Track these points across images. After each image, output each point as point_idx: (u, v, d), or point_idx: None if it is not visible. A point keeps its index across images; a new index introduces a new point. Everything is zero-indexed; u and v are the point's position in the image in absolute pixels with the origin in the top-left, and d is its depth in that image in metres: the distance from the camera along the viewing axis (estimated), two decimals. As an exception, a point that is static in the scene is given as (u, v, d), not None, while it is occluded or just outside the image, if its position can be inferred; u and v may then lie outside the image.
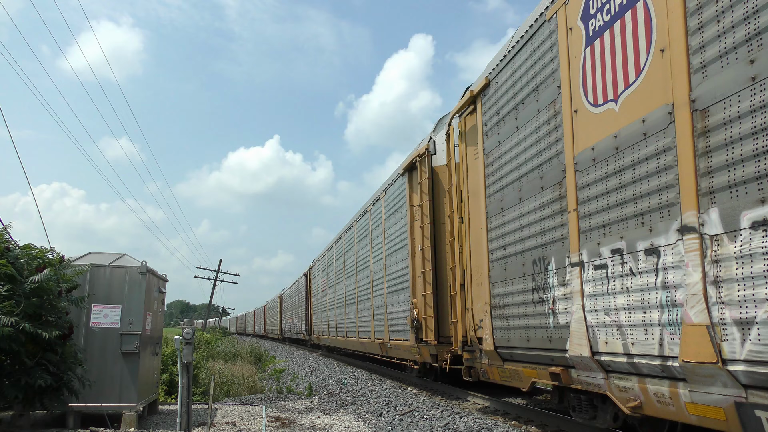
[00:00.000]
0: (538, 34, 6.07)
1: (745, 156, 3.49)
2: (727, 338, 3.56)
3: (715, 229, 3.68)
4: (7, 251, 6.05)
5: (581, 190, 5.18)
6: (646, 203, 4.34)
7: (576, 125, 5.29)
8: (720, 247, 3.63)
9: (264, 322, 54.66)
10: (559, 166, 5.56)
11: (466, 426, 7.04)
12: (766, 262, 3.30)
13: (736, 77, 3.58)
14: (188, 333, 6.66)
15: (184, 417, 6.53)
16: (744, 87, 3.51)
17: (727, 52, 3.67)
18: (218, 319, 79.59)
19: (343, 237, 18.25)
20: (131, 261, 7.66)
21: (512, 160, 6.61)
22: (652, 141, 4.27)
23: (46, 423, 7.17)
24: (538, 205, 5.99)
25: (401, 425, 7.56)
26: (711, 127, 3.77)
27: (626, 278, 4.55)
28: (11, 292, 5.68)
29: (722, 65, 3.70)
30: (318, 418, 8.33)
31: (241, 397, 11.17)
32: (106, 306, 7.20)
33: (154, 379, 8.26)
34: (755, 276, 3.37)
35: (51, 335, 5.72)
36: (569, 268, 5.36)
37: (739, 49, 3.57)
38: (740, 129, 3.54)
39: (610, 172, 4.76)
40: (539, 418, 7.03)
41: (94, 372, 6.87)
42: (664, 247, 4.12)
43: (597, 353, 4.93)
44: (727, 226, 3.60)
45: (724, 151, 3.64)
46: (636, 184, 4.44)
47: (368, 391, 11.17)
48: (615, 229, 4.69)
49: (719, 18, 3.73)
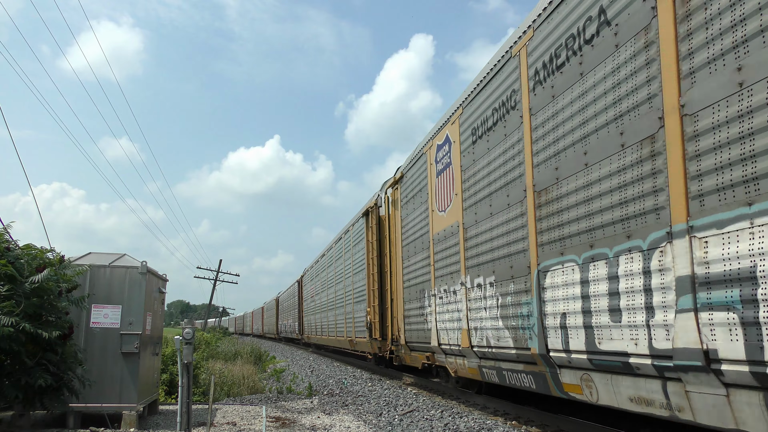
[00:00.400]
0: (420, 159, 10.37)
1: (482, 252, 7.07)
2: (472, 336, 7.77)
3: (470, 285, 7.88)
4: (7, 251, 6.05)
5: (435, 255, 9.33)
6: (455, 267, 8.40)
7: (432, 219, 9.51)
8: (470, 294, 7.84)
9: (262, 322, 56.45)
10: (427, 238, 9.73)
11: (466, 426, 7.04)
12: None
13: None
14: (188, 333, 6.66)
15: (184, 417, 6.53)
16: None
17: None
18: (218, 319, 79.57)
19: (326, 254, 21.99)
20: (131, 261, 7.66)
21: (413, 227, 10.68)
22: (453, 236, 8.51)
23: (46, 423, 7.17)
24: (420, 258, 10.13)
25: (401, 425, 7.56)
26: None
27: (447, 304, 8.74)
28: (11, 292, 5.68)
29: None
30: (318, 418, 8.33)
31: (242, 397, 11.16)
32: (106, 306, 7.20)
33: (154, 379, 8.26)
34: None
35: (51, 335, 5.72)
36: (430, 297, 9.55)
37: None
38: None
39: (442, 248, 9.01)
40: (539, 418, 7.04)
41: (95, 372, 6.87)
42: (457, 291, 8.29)
43: (440, 344, 9.05)
44: (470, 283, 7.88)
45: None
46: (453, 256, 8.51)
47: (368, 391, 11.18)
48: (445, 279, 8.83)
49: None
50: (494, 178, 7.09)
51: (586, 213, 5.12)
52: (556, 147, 5.65)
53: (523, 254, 6.33)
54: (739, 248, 3.51)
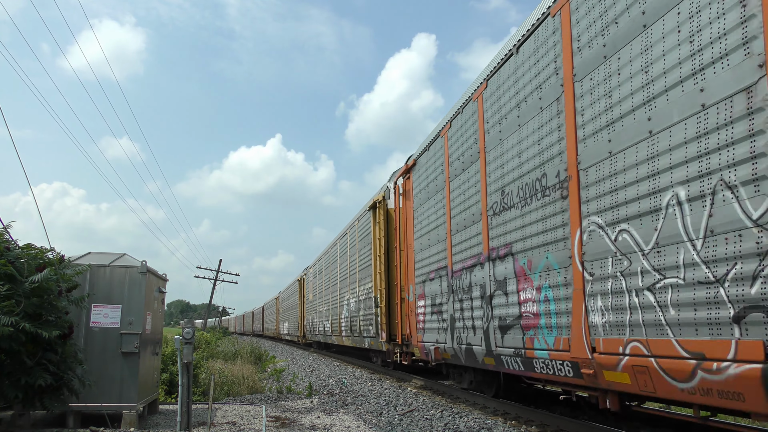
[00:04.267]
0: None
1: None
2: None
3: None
4: (7, 251, 6.04)
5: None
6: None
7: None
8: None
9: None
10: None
11: (466, 426, 7.04)
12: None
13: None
14: (188, 333, 6.66)
15: (184, 417, 6.53)
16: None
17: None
18: (218, 318, 79.57)
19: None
20: (131, 261, 7.65)
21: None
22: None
23: (46, 423, 7.16)
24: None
25: (401, 425, 7.56)
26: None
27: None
28: (11, 291, 5.66)
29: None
30: (318, 417, 8.32)
31: (241, 397, 11.16)
32: (106, 306, 7.19)
33: (154, 379, 8.25)
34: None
35: (51, 335, 5.71)
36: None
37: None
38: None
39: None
40: (539, 418, 7.03)
41: (94, 372, 6.86)
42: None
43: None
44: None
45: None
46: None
47: (368, 391, 11.17)
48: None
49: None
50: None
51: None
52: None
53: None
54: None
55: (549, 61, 5.97)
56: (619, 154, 4.74)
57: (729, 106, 3.72)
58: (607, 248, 4.90)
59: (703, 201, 3.90)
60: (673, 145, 4.18)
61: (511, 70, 6.91)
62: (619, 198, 4.73)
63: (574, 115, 5.41)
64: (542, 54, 6.13)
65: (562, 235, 5.64)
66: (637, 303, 4.54)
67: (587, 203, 5.17)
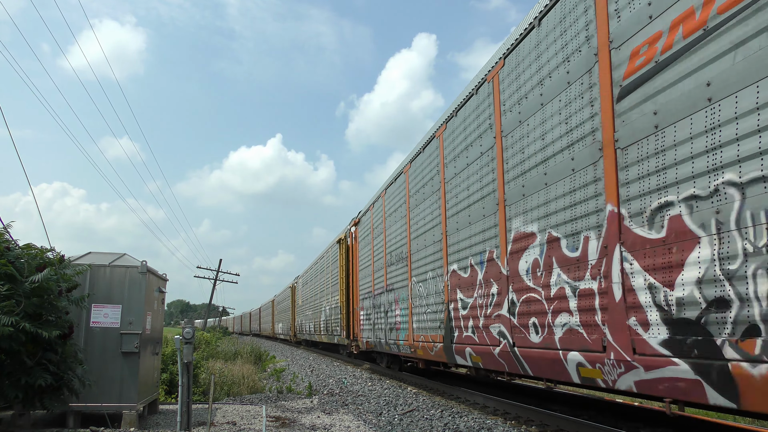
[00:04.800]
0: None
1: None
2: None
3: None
4: (7, 251, 6.04)
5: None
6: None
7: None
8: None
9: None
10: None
11: (466, 426, 7.04)
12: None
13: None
14: (188, 332, 6.66)
15: (184, 416, 6.53)
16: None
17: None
18: (218, 318, 79.60)
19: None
20: (131, 260, 7.66)
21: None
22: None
23: (46, 423, 7.16)
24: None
25: (401, 425, 7.56)
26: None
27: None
28: (11, 291, 5.67)
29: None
30: (318, 417, 8.32)
31: (241, 397, 11.17)
32: (106, 305, 7.20)
33: (154, 379, 8.26)
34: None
35: (51, 335, 5.71)
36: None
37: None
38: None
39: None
40: (539, 418, 7.04)
41: (95, 372, 6.86)
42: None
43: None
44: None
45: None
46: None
47: (368, 391, 11.18)
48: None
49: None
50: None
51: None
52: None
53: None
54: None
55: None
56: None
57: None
58: (410, 294, 10.51)
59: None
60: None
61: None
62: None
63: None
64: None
65: (406, 284, 10.94)
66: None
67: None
